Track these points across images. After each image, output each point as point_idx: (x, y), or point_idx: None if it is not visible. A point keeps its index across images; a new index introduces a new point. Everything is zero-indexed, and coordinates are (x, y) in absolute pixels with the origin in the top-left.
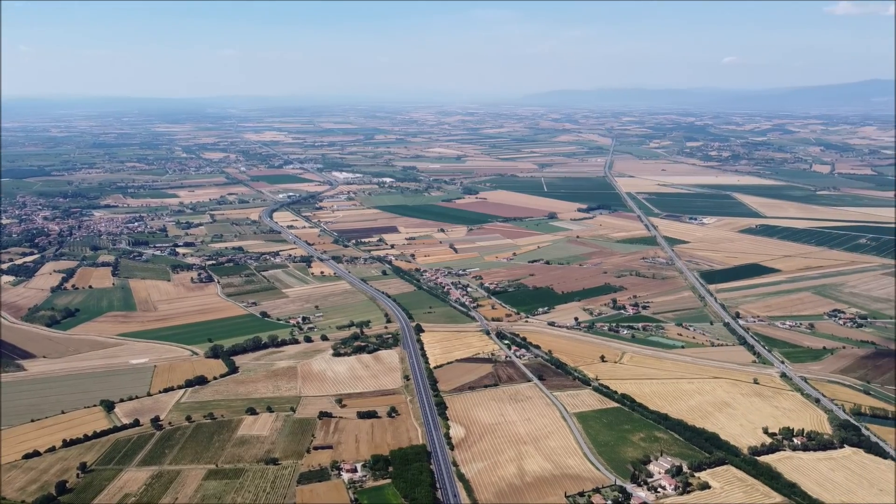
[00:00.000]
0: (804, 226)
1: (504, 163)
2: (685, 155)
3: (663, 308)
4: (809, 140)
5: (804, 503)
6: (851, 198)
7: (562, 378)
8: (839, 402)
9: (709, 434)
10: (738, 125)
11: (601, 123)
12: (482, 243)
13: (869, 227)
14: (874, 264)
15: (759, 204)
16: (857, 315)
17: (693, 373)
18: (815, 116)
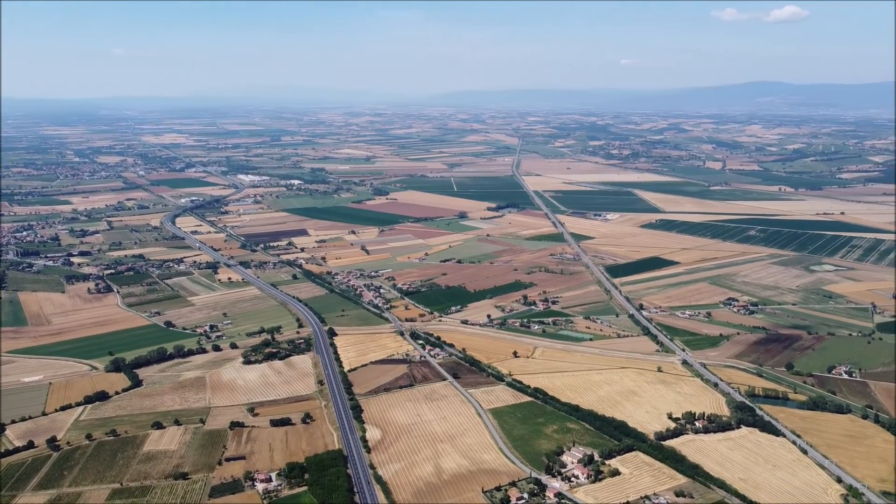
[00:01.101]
0: (700, 220)
1: (414, 163)
2: (588, 153)
3: (572, 302)
4: (702, 138)
5: (706, 482)
6: (742, 192)
7: (476, 375)
8: (735, 386)
9: (618, 422)
10: (637, 124)
11: (508, 123)
12: (394, 244)
13: (758, 220)
14: (763, 254)
15: (658, 200)
16: (749, 302)
17: (602, 364)
18: (707, 116)
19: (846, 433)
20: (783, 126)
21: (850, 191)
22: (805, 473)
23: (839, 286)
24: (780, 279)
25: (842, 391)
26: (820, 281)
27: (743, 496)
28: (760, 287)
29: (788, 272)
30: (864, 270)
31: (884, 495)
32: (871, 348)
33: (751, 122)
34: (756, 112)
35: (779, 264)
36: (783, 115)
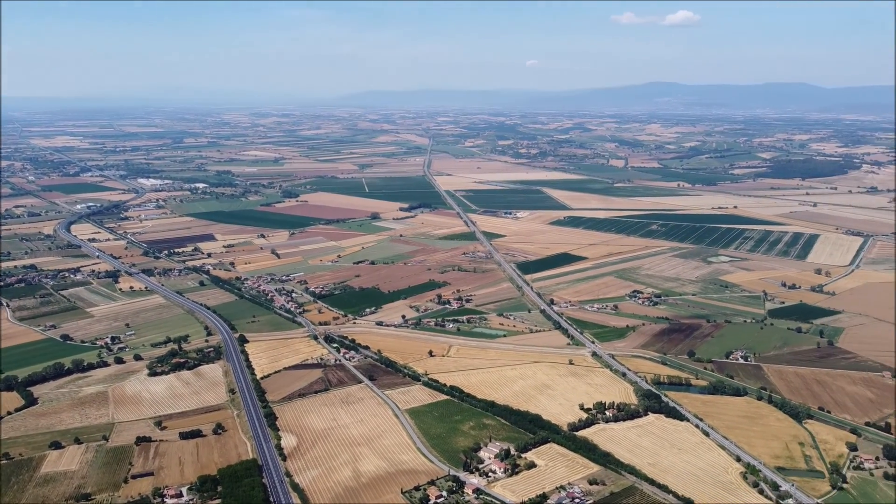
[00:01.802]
0: (605, 216)
1: (324, 164)
2: (498, 153)
3: (485, 300)
4: (606, 137)
5: (618, 469)
6: (643, 189)
7: (392, 376)
8: (642, 375)
9: (532, 416)
10: (544, 124)
11: (418, 124)
12: (305, 247)
13: (659, 215)
14: (665, 247)
15: (565, 197)
16: (653, 294)
17: (516, 359)
18: (610, 115)
19: (743, 414)
20: (680, 125)
21: (742, 186)
22: (708, 455)
23: (734, 276)
24: (680, 271)
25: (738, 375)
26: (717, 272)
27: (652, 480)
28: (663, 279)
29: (688, 264)
30: (756, 260)
31: (778, 470)
32: (764, 333)
33: (650, 121)
34: (655, 112)
35: (679, 257)
36: (680, 114)
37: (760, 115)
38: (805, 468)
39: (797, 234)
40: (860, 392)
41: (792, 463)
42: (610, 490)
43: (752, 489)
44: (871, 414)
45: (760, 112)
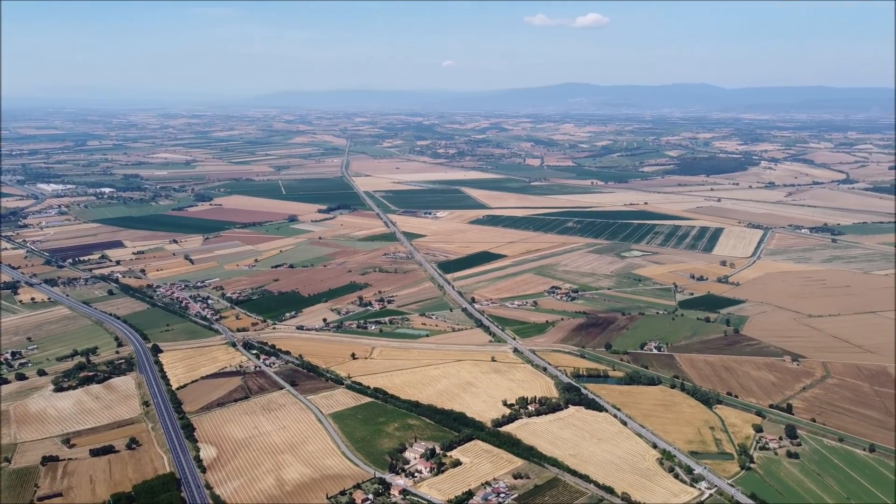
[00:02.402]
0: (523, 214)
1: (238, 167)
2: (416, 153)
3: (407, 300)
4: (522, 137)
5: (541, 462)
6: (559, 187)
7: (315, 381)
8: (562, 368)
9: (457, 414)
10: (462, 124)
11: (335, 124)
12: (221, 252)
13: (574, 212)
14: (581, 244)
15: (484, 196)
16: (570, 290)
17: (439, 358)
18: (525, 115)
19: (658, 403)
20: (592, 125)
21: (652, 183)
22: (626, 443)
23: (646, 270)
24: (596, 266)
25: (653, 365)
26: (630, 266)
27: (574, 471)
28: (580, 274)
29: (603, 259)
30: (666, 254)
31: (691, 455)
32: (675, 324)
33: (564, 121)
34: (568, 112)
35: (594, 252)
36: (592, 114)
37: (667, 114)
38: (716, 451)
39: (703, 228)
40: (764, 376)
41: (704, 447)
42: (534, 483)
43: (667, 474)
44: (775, 396)
45: (667, 112)
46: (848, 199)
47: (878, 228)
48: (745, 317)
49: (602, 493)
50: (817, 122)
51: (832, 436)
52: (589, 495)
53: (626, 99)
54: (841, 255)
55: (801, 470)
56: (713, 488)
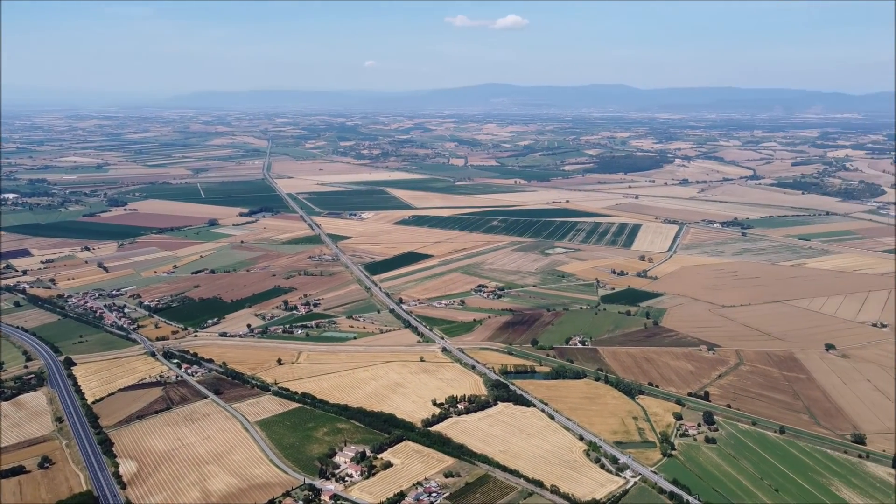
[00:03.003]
0: (448, 213)
1: (154, 170)
2: (340, 154)
3: (334, 303)
4: (446, 137)
5: (472, 460)
6: (483, 186)
7: (240, 388)
8: (490, 366)
9: (386, 416)
10: (385, 125)
11: (255, 125)
12: (137, 258)
13: (499, 211)
14: (506, 242)
15: (409, 197)
16: (497, 288)
17: (367, 360)
18: (449, 115)
19: (584, 395)
20: (514, 124)
21: (573, 181)
22: (554, 437)
23: (569, 266)
24: (521, 264)
25: (578, 359)
26: (554, 263)
27: (504, 466)
28: (505, 272)
29: (528, 257)
30: (588, 251)
31: (616, 445)
32: (598, 318)
33: (487, 121)
34: (491, 112)
35: (519, 250)
36: (513, 114)
37: (586, 114)
38: (639, 440)
39: (623, 225)
40: (682, 366)
41: (628, 437)
42: (465, 481)
43: (594, 465)
44: (693, 385)
45: (586, 112)
46: (755, 194)
47: (783, 222)
48: (663, 309)
49: (532, 486)
50: (726, 121)
51: (746, 420)
52: (519, 490)
53: (547, 99)
54: (750, 248)
55: (719, 454)
56: (637, 476)
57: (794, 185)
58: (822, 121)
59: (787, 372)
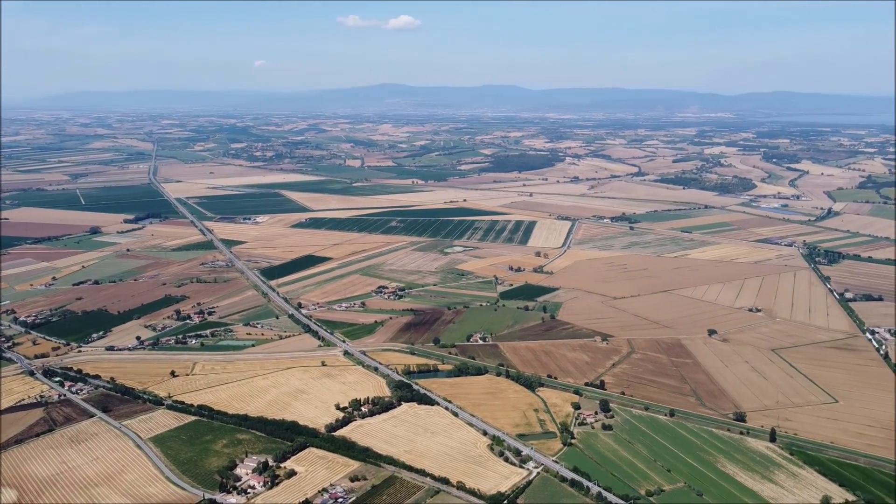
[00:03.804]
0: (346, 215)
1: (27, 175)
2: (231, 156)
3: (230, 311)
4: (341, 138)
5: (377, 462)
6: (381, 187)
7: (131, 404)
8: (393, 367)
9: (289, 423)
10: (278, 126)
11: (139, 127)
12: (11, 271)
13: (397, 211)
14: (405, 242)
15: (305, 199)
16: (397, 288)
17: (267, 368)
18: (343, 116)
19: (486, 391)
20: (410, 125)
21: (469, 180)
22: (458, 433)
23: (468, 264)
24: (421, 264)
25: (479, 355)
26: (453, 261)
27: (410, 466)
28: (406, 272)
29: (427, 256)
30: (486, 248)
31: (519, 437)
32: (498, 315)
33: (382, 121)
34: (386, 112)
35: (419, 250)
36: (409, 114)
37: (480, 114)
38: (541, 431)
39: (518, 222)
40: (579, 357)
41: (530, 429)
42: (371, 484)
43: (498, 458)
44: (589, 375)
45: (480, 112)
46: (641, 190)
47: (666, 216)
48: (559, 303)
49: (438, 484)
50: (612, 120)
51: (639, 406)
52: (426, 489)
53: (441, 99)
54: (638, 241)
55: (615, 440)
56: (540, 467)
57: (675, 181)
58: (698, 120)
59: (675, 358)
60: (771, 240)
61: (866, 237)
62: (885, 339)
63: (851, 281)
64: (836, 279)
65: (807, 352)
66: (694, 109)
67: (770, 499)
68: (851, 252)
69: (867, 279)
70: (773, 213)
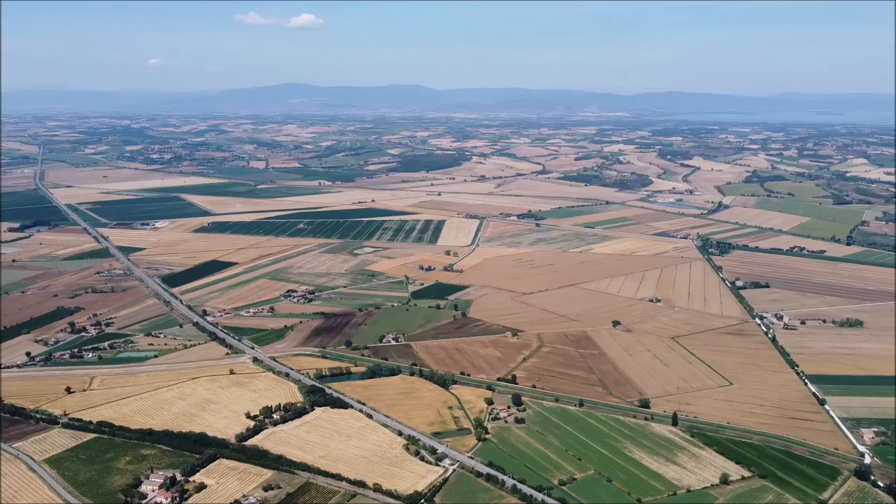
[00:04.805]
0: (252, 218)
1: None
2: (126, 160)
3: (129, 321)
4: (244, 139)
5: (291, 469)
6: (286, 189)
7: (22, 425)
8: (305, 371)
9: (197, 435)
10: (177, 127)
11: (22, 129)
12: None
13: (304, 213)
14: (313, 245)
15: (207, 203)
16: (307, 291)
17: (171, 379)
18: (245, 117)
19: (400, 391)
20: (315, 125)
21: (377, 181)
22: (373, 436)
23: (379, 265)
24: (330, 266)
25: (392, 356)
26: (363, 263)
27: (325, 472)
28: (315, 275)
29: (337, 258)
30: (396, 248)
31: (434, 436)
32: (410, 314)
33: (287, 122)
34: (290, 113)
35: (328, 252)
36: (314, 115)
37: (386, 114)
38: (455, 428)
39: (427, 221)
40: (491, 353)
41: (444, 426)
42: (286, 492)
43: (414, 458)
44: (501, 370)
45: (386, 111)
46: (545, 187)
47: (570, 212)
48: (470, 300)
49: (355, 488)
50: (517, 119)
51: (550, 398)
52: (342, 493)
53: (347, 99)
54: (544, 238)
55: (528, 432)
56: (455, 464)
57: (577, 178)
58: (598, 119)
59: (583, 349)
60: (668, 233)
61: (753, 228)
62: (772, 324)
63: (741, 270)
64: (728, 268)
65: (703, 338)
66: (593, 109)
67: (674, 480)
68: (741, 242)
69: (755, 268)
70: (669, 208)
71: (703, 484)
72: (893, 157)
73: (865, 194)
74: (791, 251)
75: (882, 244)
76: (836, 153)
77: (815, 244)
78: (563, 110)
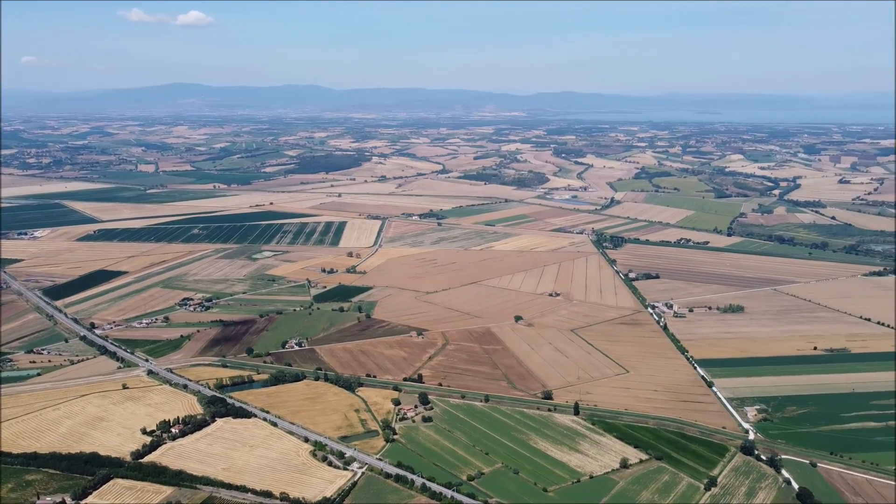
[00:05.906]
0: (142, 224)
1: None
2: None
3: (7, 338)
4: (130, 141)
5: (192, 484)
6: (179, 193)
7: None
8: (204, 382)
9: (87, 455)
10: (55, 129)
11: None
12: None
13: (199, 218)
14: (209, 250)
15: (92, 209)
16: (204, 299)
17: (57, 398)
18: (132, 118)
19: (305, 397)
20: (208, 126)
21: (275, 183)
22: (278, 444)
23: (279, 269)
24: (228, 272)
25: (296, 361)
26: (263, 267)
27: (229, 485)
28: (212, 282)
29: (234, 264)
30: (297, 252)
31: (341, 440)
32: (313, 318)
33: (177, 123)
34: (180, 113)
35: (225, 258)
36: (206, 115)
37: (282, 115)
38: (363, 431)
39: (329, 223)
40: (396, 353)
41: (352, 430)
42: None
43: (322, 464)
44: (407, 370)
45: (282, 112)
46: (446, 186)
47: (471, 210)
48: (374, 302)
49: (261, 498)
50: (415, 119)
51: (456, 395)
52: None
53: (240, 100)
54: (446, 237)
55: (436, 430)
56: (364, 466)
57: (477, 177)
58: (495, 118)
59: (486, 345)
60: (564, 229)
61: (643, 222)
62: (663, 312)
63: (634, 262)
64: (622, 261)
65: (600, 329)
66: (490, 108)
67: (577, 467)
68: (632, 236)
69: (647, 259)
70: (565, 204)
71: (604, 469)
72: (766, 153)
73: (743, 188)
74: (678, 243)
75: (758, 234)
76: (715, 150)
77: (700, 236)
78: (461, 110)
